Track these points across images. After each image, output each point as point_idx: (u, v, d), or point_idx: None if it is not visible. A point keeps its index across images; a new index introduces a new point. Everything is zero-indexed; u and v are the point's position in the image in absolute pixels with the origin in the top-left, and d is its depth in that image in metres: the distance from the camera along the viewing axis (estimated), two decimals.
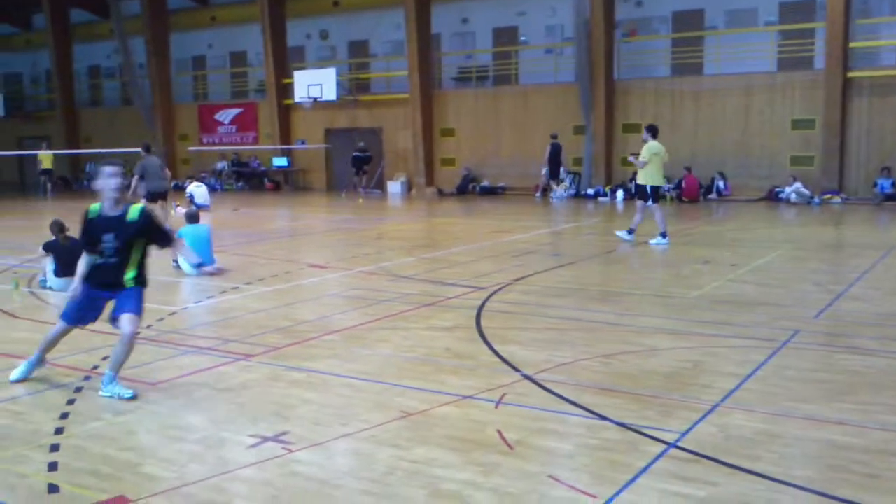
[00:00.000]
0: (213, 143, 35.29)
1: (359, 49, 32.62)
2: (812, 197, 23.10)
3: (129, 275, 6.23)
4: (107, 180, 6.14)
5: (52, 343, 6.53)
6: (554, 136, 25.96)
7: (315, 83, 30.85)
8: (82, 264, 6.30)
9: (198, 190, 22.90)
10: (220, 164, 34.68)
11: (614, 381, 6.40)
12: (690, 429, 5.30)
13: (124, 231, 6.15)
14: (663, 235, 14.70)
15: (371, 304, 9.50)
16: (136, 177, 15.46)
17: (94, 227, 6.22)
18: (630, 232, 15.09)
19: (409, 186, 30.67)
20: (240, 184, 34.11)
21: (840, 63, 22.94)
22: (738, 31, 25.31)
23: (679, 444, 5.04)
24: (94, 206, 6.26)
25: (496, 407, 5.78)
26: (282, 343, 7.64)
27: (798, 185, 23.39)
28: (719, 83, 25.21)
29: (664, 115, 25.96)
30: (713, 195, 24.84)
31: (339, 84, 30.79)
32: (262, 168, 34.22)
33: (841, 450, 4.95)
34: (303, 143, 33.00)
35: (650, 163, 14.69)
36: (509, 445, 5.05)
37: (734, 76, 24.86)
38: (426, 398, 5.97)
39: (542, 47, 28.93)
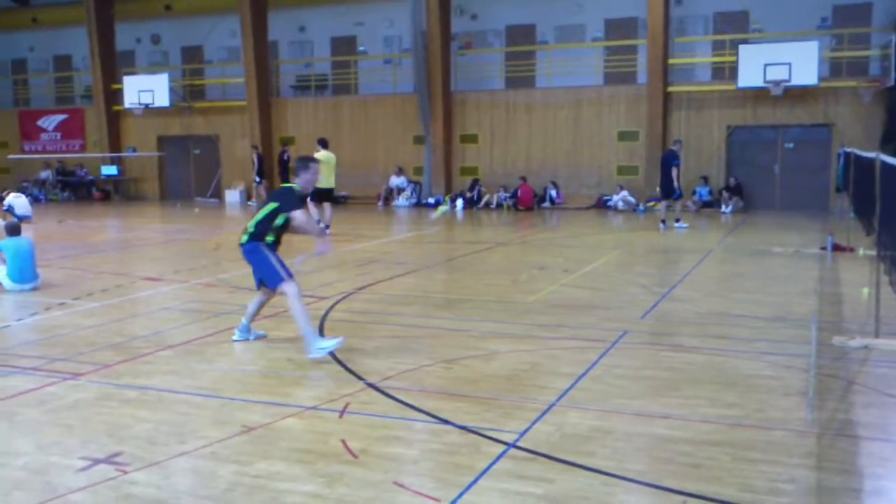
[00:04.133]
0: (36, 151, 33.27)
1: (193, 55, 31.68)
2: (637, 204, 24.39)
3: None
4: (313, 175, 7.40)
5: None
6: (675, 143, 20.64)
7: (146, 89, 29.76)
8: None
9: (17, 200, 21.48)
10: (44, 174, 32.72)
11: (457, 385, 6.53)
12: (528, 429, 5.48)
13: None
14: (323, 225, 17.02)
15: (209, 316, 9.24)
16: None
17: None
18: (326, 227, 17.08)
19: (248, 195, 30.03)
20: (65, 194, 32.31)
21: (661, 78, 24.38)
22: (568, 47, 26.42)
23: (518, 444, 5.21)
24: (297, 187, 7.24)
25: (340, 417, 5.77)
26: (113, 360, 7.30)
27: (624, 193, 24.66)
28: (550, 96, 26.21)
29: (500, 127, 26.77)
30: (546, 203, 25.76)
31: (172, 90, 29.81)
32: (90, 177, 32.54)
33: (667, 442, 5.26)
34: (133, 150, 31.67)
35: (321, 169, 16.59)
36: (354, 455, 5.05)
37: (564, 89, 25.92)
38: (268, 411, 5.87)
39: (380, 57, 29.11)
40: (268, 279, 7.61)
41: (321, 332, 8.34)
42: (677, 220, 19.10)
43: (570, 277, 12.01)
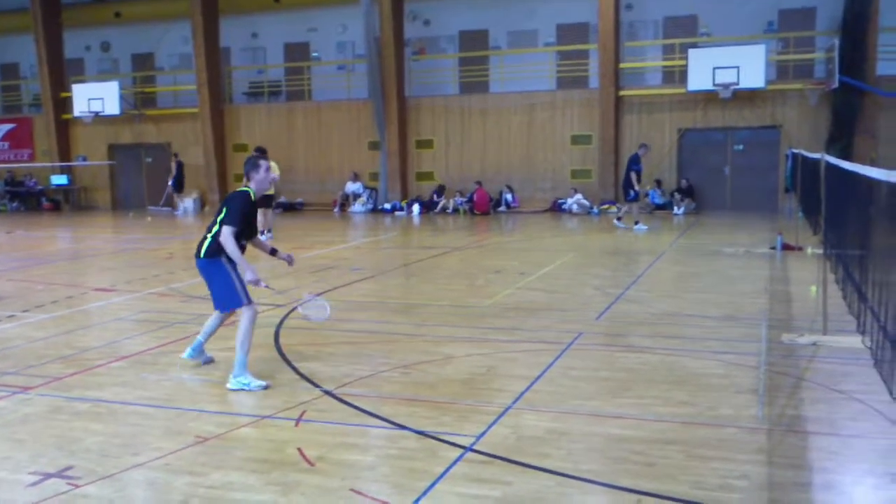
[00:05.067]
0: None
1: (143, 62, 31.27)
2: (591, 207, 24.61)
3: None
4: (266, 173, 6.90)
5: None
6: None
7: (96, 97, 29.30)
8: None
9: None
10: None
11: (413, 390, 6.53)
12: (485, 432, 5.50)
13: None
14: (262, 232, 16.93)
15: (162, 326, 9.13)
16: None
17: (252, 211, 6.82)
18: (262, 233, 17.18)
19: (202, 203, 29.72)
20: (14, 204, 31.66)
21: (612, 82, 24.66)
22: (520, 52, 26.61)
23: (474, 447, 5.23)
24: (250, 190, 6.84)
25: (296, 425, 5.74)
26: (64, 373, 7.18)
27: (579, 196, 24.87)
28: (504, 101, 26.35)
29: (455, 132, 26.85)
30: (502, 208, 25.88)
31: (122, 98, 29.41)
32: (39, 187, 31.92)
33: (622, 442, 5.32)
34: (84, 159, 31.16)
35: None
36: (310, 462, 5.03)
37: (517, 94, 26.09)
38: (223, 421, 5.82)
39: (334, 63, 29.02)
40: (223, 299, 6.95)
41: (276, 340, 8.29)
42: (636, 223, 19.33)
43: (525, 280, 12.08)
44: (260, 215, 18.31)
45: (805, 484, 4.67)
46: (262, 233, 17.97)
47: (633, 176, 19.05)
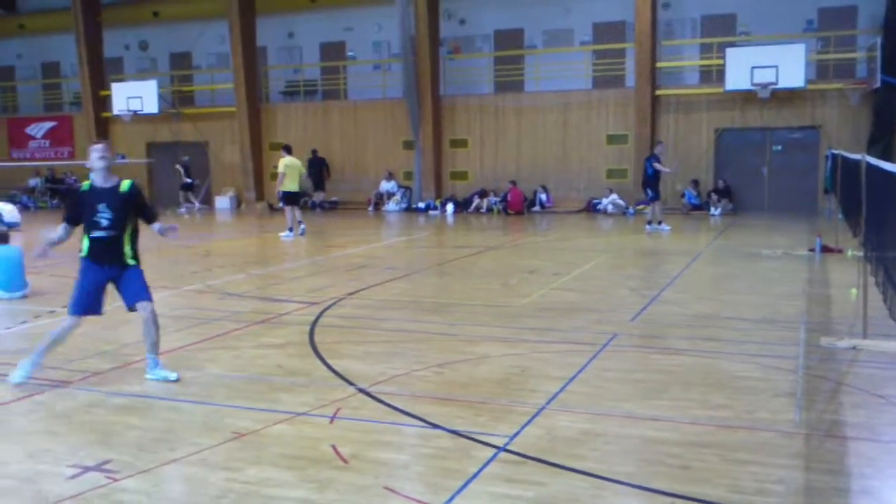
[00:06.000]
0: (25, 159, 33.14)
1: (181, 61, 31.63)
2: (627, 207, 24.45)
3: (129, 251, 6.83)
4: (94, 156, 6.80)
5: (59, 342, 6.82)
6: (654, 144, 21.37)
7: (135, 96, 29.70)
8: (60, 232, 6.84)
9: (6, 208, 21.42)
10: (33, 181, 32.60)
11: (447, 389, 6.54)
12: (518, 432, 5.49)
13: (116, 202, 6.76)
14: (290, 230, 18.52)
15: (199, 323, 9.23)
16: None
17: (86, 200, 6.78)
18: (291, 230, 18.56)
19: (238, 201, 30.00)
20: (55, 201, 32.17)
21: (649, 82, 24.47)
22: (556, 51, 26.50)
23: (508, 447, 5.22)
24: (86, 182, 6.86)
25: (331, 422, 5.77)
26: (103, 368, 7.29)
27: (614, 196, 24.71)
28: (539, 100, 26.26)
29: (489, 131, 26.82)
30: (536, 207, 25.80)
31: (160, 97, 29.76)
32: (80, 184, 32.33)
33: (656, 444, 5.28)
34: (123, 157, 31.56)
35: (287, 174, 18.45)
36: (344, 460, 5.06)
37: (553, 93, 25.98)
38: (258, 417, 5.87)
39: (369, 63, 29.12)
40: (143, 294, 6.96)
41: (311, 338, 8.35)
42: (659, 222, 19.16)
43: (560, 281, 12.03)
44: (288, 213, 18.61)
45: (843, 490, 4.60)
46: (291, 229, 18.63)
47: (658, 165, 18.94)
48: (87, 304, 6.87)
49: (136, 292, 6.87)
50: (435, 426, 5.64)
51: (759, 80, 22.57)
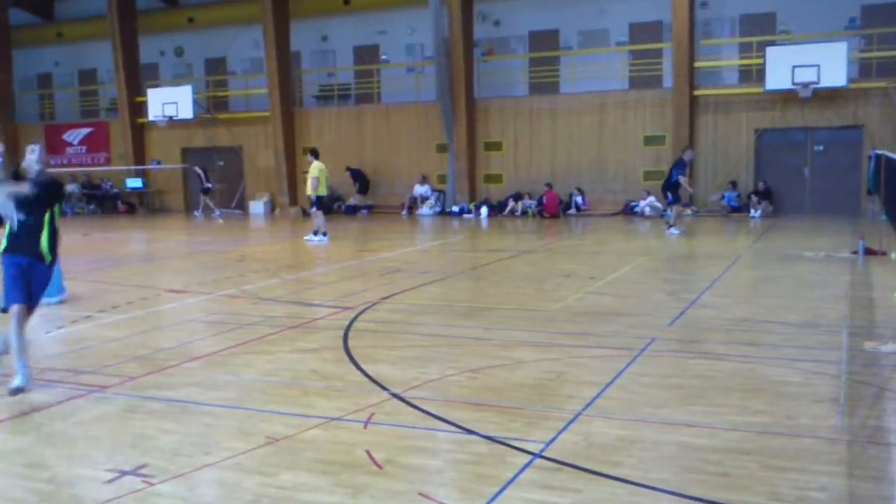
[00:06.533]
0: (62, 165, 33.63)
1: (216, 66, 31.93)
2: (665, 210, 24.17)
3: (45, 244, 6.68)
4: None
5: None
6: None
7: (170, 101, 30.05)
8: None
9: None
10: (70, 187, 33.05)
11: (481, 395, 6.48)
12: (554, 438, 5.42)
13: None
14: (317, 234, 18.67)
15: (233, 328, 9.27)
16: None
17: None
18: (315, 234, 18.74)
19: (272, 206, 30.20)
20: (91, 207, 32.67)
21: (686, 82, 24.20)
22: (592, 52, 26.33)
23: (544, 453, 5.15)
24: None
25: (365, 427, 5.74)
26: (139, 372, 7.33)
27: (651, 198, 24.46)
28: (574, 101, 26.10)
29: (524, 133, 26.71)
30: (572, 210, 25.64)
31: (195, 102, 30.08)
32: (115, 190, 32.84)
33: (694, 451, 5.18)
34: (158, 163, 31.97)
35: (319, 178, 18.61)
36: (378, 465, 5.02)
37: (588, 94, 25.80)
38: (292, 422, 5.86)
39: (403, 66, 29.17)
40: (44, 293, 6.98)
41: (345, 342, 8.34)
42: (671, 225, 18.96)
43: (596, 285, 11.92)
44: (319, 217, 18.66)
45: (886, 497, 4.49)
46: (315, 233, 18.82)
47: (683, 180, 18.74)
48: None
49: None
50: (469, 432, 5.59)
51: (800, 80, 22.23)
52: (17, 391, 6.53)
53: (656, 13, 25.29)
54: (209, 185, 29.33)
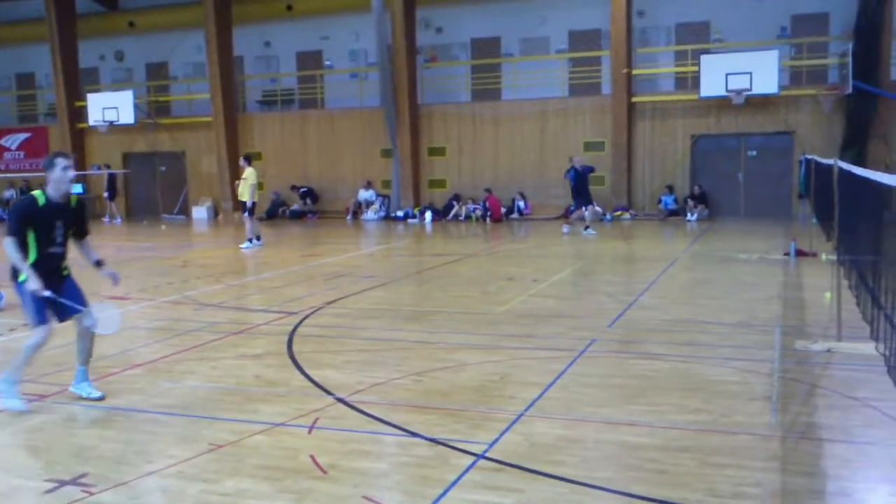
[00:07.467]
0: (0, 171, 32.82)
1: (157, 71, 31.48)
2: (604, 214, 24.55)
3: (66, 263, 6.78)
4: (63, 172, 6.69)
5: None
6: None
7: (111, 106, 29.53)
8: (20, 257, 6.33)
9: None
10: (8, 193, 32.28)
11: (426, 397, 6.54)
12: (497, 439, 5.50)
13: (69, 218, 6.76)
14: (250, 240, 18.44)
15: (176, 334, 9.18)
16: None
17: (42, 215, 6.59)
18: (250, 241, 18.46)
19: (215, 211, 29.87)
20: None
21: (624, 89, 24.63)
22: (532, 59, 26.61)
23: (487, 454, 5.23)
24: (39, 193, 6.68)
25: (309, 432, 5.75)
26: None
27: (592, 204, 24.74)
28: (516, 108, 26.36)
29: (467, 139, 26.88)
30: (515, 215, 25.86)
31: (136, 107, 29.62)
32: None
33: (635, 449, 5.31)
34: (99, 168, 31.37)
35: (253, 184, 18.42)
36: (322, 470, 5.04)
37: (530, 101, 26.09)
38: (236, 429, 5.84)
39: (346, 72, 29.12)
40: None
41: (289, 347, 8.32)
42: (585, 228, 20.16)
43: (538, 287, 12.07)
44: (250, 223, 18.50)
45: (819, 491, 4.64)
46: (251, 241, 18.50)
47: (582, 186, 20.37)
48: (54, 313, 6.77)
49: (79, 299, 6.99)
50: (414, 434, 5.64)
51: (734, 87, 22.78)
52: None
53: (595, 22, 25.69)
54: (109, 192, 29.05)
